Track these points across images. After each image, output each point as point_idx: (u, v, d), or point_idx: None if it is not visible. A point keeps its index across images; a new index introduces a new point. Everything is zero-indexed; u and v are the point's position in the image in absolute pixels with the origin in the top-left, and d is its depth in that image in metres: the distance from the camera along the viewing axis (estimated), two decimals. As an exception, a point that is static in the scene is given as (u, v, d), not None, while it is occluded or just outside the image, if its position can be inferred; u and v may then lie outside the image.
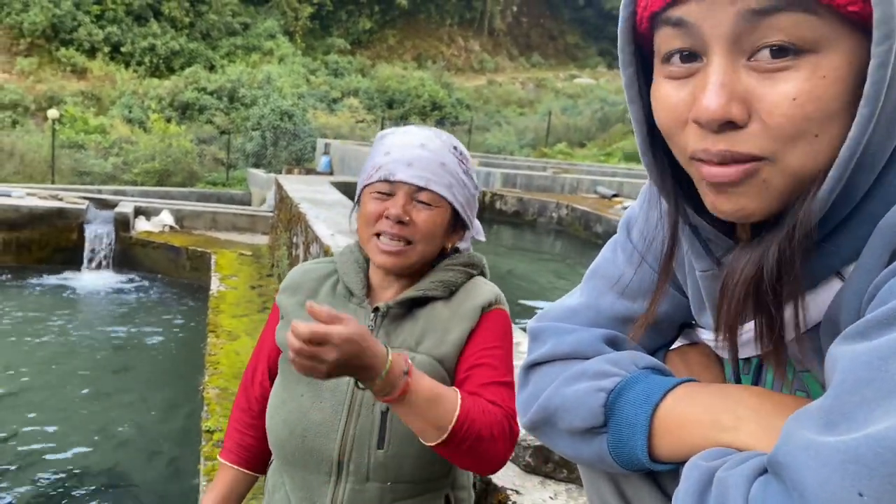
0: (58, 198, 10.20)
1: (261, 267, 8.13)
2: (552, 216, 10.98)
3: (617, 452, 0.74)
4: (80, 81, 26.70)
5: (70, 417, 5.40)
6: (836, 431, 0.52)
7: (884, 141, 0.58)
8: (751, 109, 0.57)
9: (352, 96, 30.10)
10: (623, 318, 0.85)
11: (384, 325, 1.27)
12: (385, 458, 1.21)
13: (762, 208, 0.61)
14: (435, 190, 1.23)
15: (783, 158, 0.58)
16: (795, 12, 0.54)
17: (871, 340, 0.53)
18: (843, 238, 0.63)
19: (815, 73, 0.55)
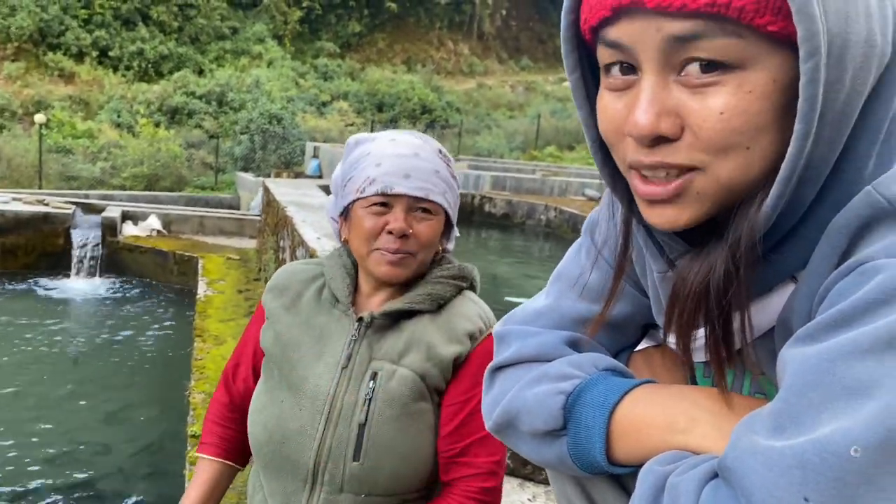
0: (44, 203, 10.15)
1: (248, 271, 8.11)
2: (541, 219, 11.01)
3: (576, 455, 0.74)
4: (67, 86, 26.58)
5: (56, 422, 5.37)
6: (783, 435, 0.52)
7: (826, 154, 0.58)
8: (683, 123, 0.59)
9: (341, 99, 30.10)
10: (585, 319, 0.84)
11: (368, 335, 1.25)
12: (360, 471, 1.20)
13: (694, 218, 0.62)
14: (434, 199, 1.22)
15: (714, 169, 0.59)
16: (717, 37, 0.55)
17: (820, 343, 0.53)
18: (795, 245, 0.63)
19: (742, 88, 0.56)
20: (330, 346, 1.27)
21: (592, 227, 0.89)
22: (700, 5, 0.55)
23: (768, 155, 0.58)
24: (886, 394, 0.48)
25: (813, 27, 0.52)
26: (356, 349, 1.25)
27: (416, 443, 1.22)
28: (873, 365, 0.49)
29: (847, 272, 0.55)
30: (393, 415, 1.21)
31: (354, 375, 1.23)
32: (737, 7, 0.54)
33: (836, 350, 0.51)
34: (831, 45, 0.54)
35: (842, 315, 0.53)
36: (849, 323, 0.52)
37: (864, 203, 0.56)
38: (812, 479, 0.48)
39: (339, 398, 1.22)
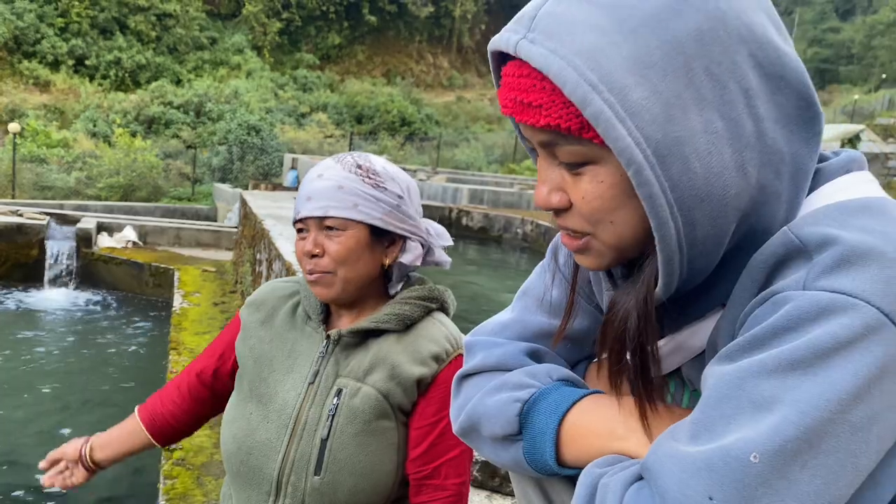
0: (18, 213, 10.05)
1: (224, 283, 8.10)
2: (517, 232, 11.10)
3: (530, 458, 0.81)
4: (42, 94, 26.34)
5: (28, 433, 5.33)
6: (698, 442, 0.59)
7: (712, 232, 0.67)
8: (569, 200, 0.71)
9: (320, 111, 30.13)
10: (547, 332, 0.92)
11: (335, 352, 1.29)
12: (321, 485, 1.23)
13: (604, 265, 0.75)
14: (336, 215, 1.24)
15: (598, 235, 0.71)
16: (567, 144, 0.67)
17: (734, 362, 0.61)
18: (722, 282, 0.72)
19: (596, 178, 0.68)
20: (299, 361, 1.30)
21: (556, 249, 0.96)
22: (543, 125, 0.67)
23: (632, 224, 0.69)
24: (785, 409, 0.56)
25: (621, 144, 0.62)
26: (323, 365, 1.28)
27: (377, 460, 1.25)
28: (776, 384, 0.57)
29: (762, 301, 0.63)
30: (354, 431, 1.24)
31: (320, 391, 1.27)
32: (565, 127, 0.66)
33: (746, 369, 0.59)
34: (657, 147, 0.63)
35: (754, 338, 0.61)
36: (759, 346, 0.60)
37: (780, 242, 0.64)
38: (717, 481, 0.56)
39: (305, 412, 1.26)
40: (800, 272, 0.61)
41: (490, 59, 0.75)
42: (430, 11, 39.06)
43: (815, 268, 0.60)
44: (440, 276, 8.63)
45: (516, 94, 0.69)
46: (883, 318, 0.56)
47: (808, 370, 0.57)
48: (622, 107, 0.62)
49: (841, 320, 0.57)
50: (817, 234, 0.62)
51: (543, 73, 0.65)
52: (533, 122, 0.67)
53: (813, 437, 0.55)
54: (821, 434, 0.56)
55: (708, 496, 0.56)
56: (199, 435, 4.08)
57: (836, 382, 0.56)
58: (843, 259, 0.59)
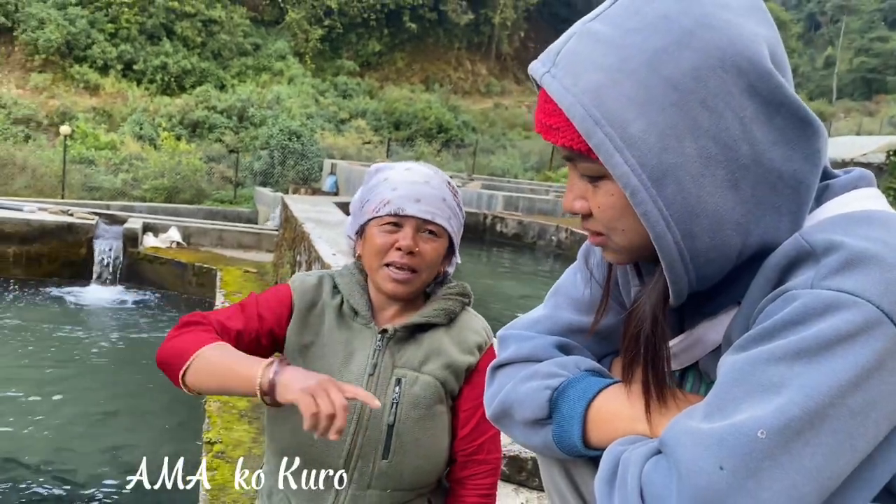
0: (68, 213, 10.40)
1: (265, 284, 8.29)
2: (552, 239, 11.12)
3: (559, 441, 0.90)
4: (92, 98, 27.06)
5: (74, 426, 5.52)
6: (711, 420, 0.68)
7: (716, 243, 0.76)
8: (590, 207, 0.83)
9: (359, 117, 30.41)
10: (576, 328, 1.02)
11: (390, 345, 1.40)
12: (388, 468, 1.35)
13: (623, 261, 0.86)
14: (439, 223, 1.39)
15: (612, 238, 0.82)
16: (582, 161, 0.79)
17: (746, 351, 0.70)
18: (737, 282, 0.81)
19: (607, 192, 0.79)
20: (356, 355, 1.41)
21: (587, 253, 1.06)
22: (562, 144, 0.79)
23: (640, 232, 0.79)
24: (791, 392, 0.64)
25: (620, 170, 0.74)
26: (380, 358, 1.39)
27: (436, 441, 1.39)
28: (784, 370, 0.66)
29: (774, 298, 0.72)
30: (417, 416, 1.37)
31: (380, 382, 1.38)
32: (577, 148, 0.78)
33: (756, 357, 0.68)
34: (652, 172, 0.73)
35: (765, 331, 0.70)
36: (770, 337, 0.69)
37: (792, 246, 0.73)
38: (727, 453, 0.64)
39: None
40: (808, 273, 0.69)
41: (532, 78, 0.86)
42: (470, 19, 39.17)
43: (821, 269, 0.68)
44: (473, 279, 8.66)
45: (542, 117, 0.80)
46: (882, 316, 0.64)
47: (813, 359, 0.64)
48: (621, 139, 0.73)
49: (844, 316, 0.64)
50: (825, 240, 0.70)
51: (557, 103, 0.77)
52: (554, 140, 0.79)
53: (815, 419, 0.63)
54: (822, 416, 0.63)
55: (719, 466, 0.64)
56: (238, 429, 4.23)
57: (837, 371, 0.63)
58: (848, 262, 0.67)
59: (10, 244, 9.46)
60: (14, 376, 6.46)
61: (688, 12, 0.72)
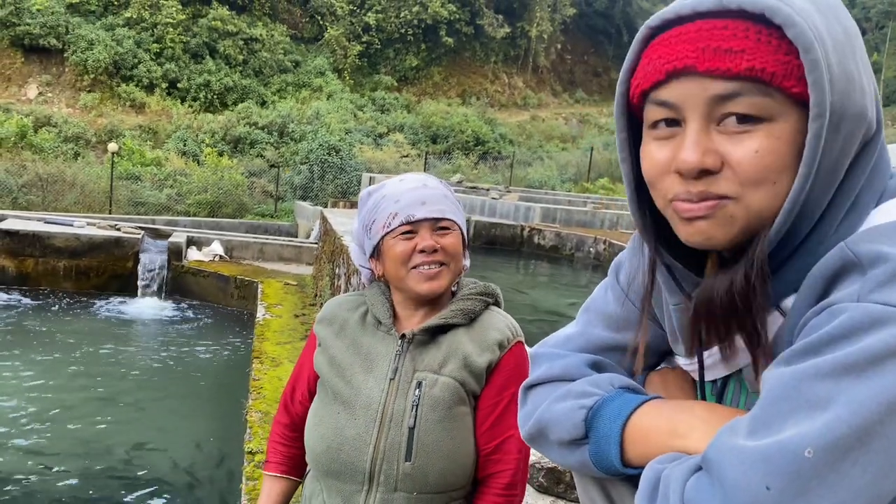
0: (116, 227, 10.68)
1: (304, 296, 8.40)
2: (590, 251, 11.06)
3: (596, 460, 0.88)
4: (138, 116, 27.81)
5: (120, 433, 5.65)
6: (756, 437, 0.66)
7: (820, 197, 0.75)
8: (723, 161, 0.75)
9: (397, 132, 30.67)
10: (608, 346, 1.00)
11: (410, 350, 1.43)
12: (412, 470, 1.37)
13: (726, 237, 0.77)
14: (450, 217, 1.43)
15: (747, 198, 0.74)
16: (753, 95, 0.73)
17: (792, 366, 0.68)
18: (783, 276, 0.79)
19: (772, 134, 0.73)
20: (377, 362, 1.45)
21: (618, 269, 1.06)
22: (741, 69, 0.72)
23: (786, 191, 0.74)
24: (839, 408, 0.63)
25: (822, 96, 0.70)
26: (401, 362, 1.43)
27: (460, 442, 1.39)
28: (831, 385, 0.64)
29: (819, 311, 0.70)
30: (438, 418, 1.38)
31: (401, 385, 1.41)
32: (770, 72, 0.71)
33: (802, 372, 0.66)
34: (833, 113, 0.71)
35: (811, 345, 0.68)
36: (816, 351, 0.67)
37: (838, 256, 0.71)
38: (774, 472, 0.63)
39: (390, 405, 1.39)
40: (854, 285, 0.67)
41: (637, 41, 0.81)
42: (507, 32, 39.28)
43: (868, 282, 0.65)
44: (510, 291, 8.68)
45: (708, 43, 0.73)
46: None
47: (861, 374, 0.62)
48: (827, 66, 0.70)
49: (892, 330, 0.62)
50: (872, 251, 0.67)
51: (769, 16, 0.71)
52: (729, 65, 0.72)
53: (864, 436, 0.60)
54: (871, 433, 0.60)
55: (765, 486, 0.62)
56: (280, 439, 4.30)
57: (886, 386, 0.61)
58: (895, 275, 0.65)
59: (61, 258, 9.76)
60: (63, 384, 6.63)
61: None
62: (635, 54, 0.81)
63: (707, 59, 0.72)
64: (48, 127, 24.46)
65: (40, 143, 22.47)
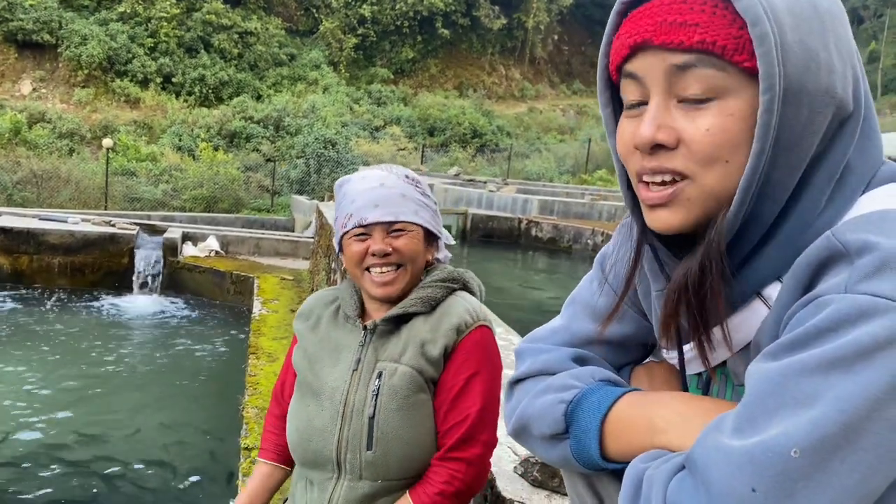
0: (111, 224, 10.63)
1: (301, 291, 8.36)
2: (587, 243, 11.03)
3: (577, 454, 0.86)
4: (133, 111, 27.72)
5: (115, 430, 5.62)
6: (741, 436, 0.64)
7: (784, 178, 0.72)
8: (678, 137, 0.74)
9: (394, 124, 30.60)
10: (594, 339, 0.98)
11: (373, 341, 1.46)
12: (374, 458, 1.39)
13: (685, 222, 0.76)
14: (403, 220, 1.42)
15: (701, 178, 0.73)
16: (706, 67, 0.71)
17: (777, 360, 0.65)
18: (760, 261, 0.76)
19: (724, 111, 0.71)
20: (343, 354, 1.48)
21: (603, 260, 1.03)
22: (693, 42, 0.71)
23: (740, 169, 0.72)
24: (825, 405, 0.60)
25: (770, 70, 0.68)
26: (363, 353, 1.45)
27: (420, 430, 1.41)
28: (818, 381, 0.61)
29: (806, 303, 0.67)
30: (396, 406, 1.39)
31: (363, 376, 1.43)
32: (720, 45, 0.70)
33: (788, 367, 0.63)
34: (789, 86, 0.69)
35: (797, 338, 0.65)
36: (802, 345, 0.64)
37: (824, 246, 0.68)
38: (759, 473, 0.60)
39: (352, 396, 1.42)
40: (841, 276, 0.64)
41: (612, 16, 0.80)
42: (503, 23, 39.17)
43: (855, 272, 0.63)
44: (507, 284, 8.64)
45: (666, 17, 0.73)
46: None
47: (849, 369, 0.59)
48: (780, 40, 0.68)
49: (881, 322, 0.59)
50: (859, 240, 0.65)
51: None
52: (682, 38, 0.71)
53: (852, 434, 0.58)
54: (859, 430, 0.58)
55: (751, 488, 0.60)
56: (276, 436, 4.26)
57: (874, 381, 0.58)
58: (883, 264, 0.62)
59: (56, 255, 9.71)
60: (59, 381, 6.61)
61: None
62: (612, 29, 0.81)
63: (663, 32, 0.72)
64: (42, 123, 24.36)
65: (35, 139, 22.37)
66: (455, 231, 11.99)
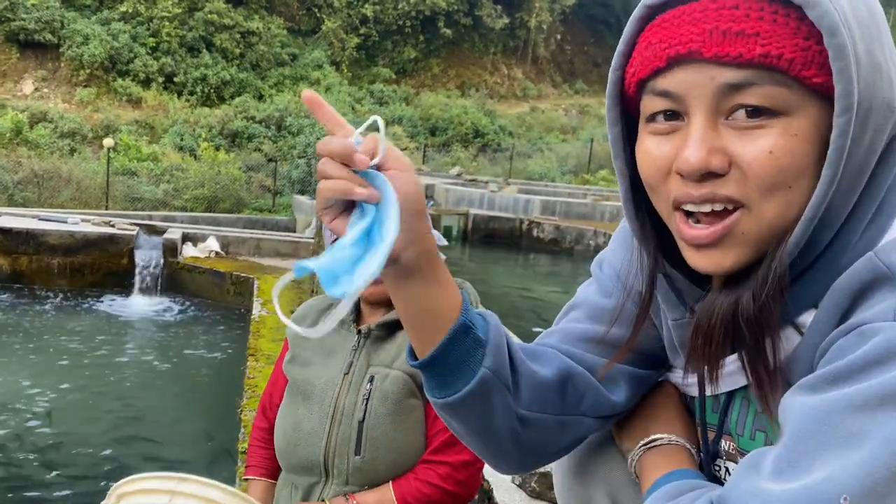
0: (110, 224, 10.60)
1: (301, 292, 8.31)
2: (589, 244, 10.98)
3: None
4: (134, 111, 27.69)
5: (114, 433, 5.59)
6: (781, 478, 0.57)
7: (844, 202, 0.65)
8: (731, 161, 0.64)
9: (396, 124, 30.54)
10: (590, 337, 0.91)
11: (367, 345, 1.44)
12: (362, 464, 1.37)
13: (738, 262, 0.67)
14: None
15: (760, 208, 0.65)
16: (767, 85, 0.62)
17: (819, 395, 0.59)
18: (799, 288, 0.68)
19: (788, 131, 0.62)
20: (335, 357, 1.46)
21: (601, 263, 0.98)
22: (755, 56, 0.61)
23: (804, 197, 0.64)
24: (874, 446, 0.53)
25: (850, 87, 0.60)
26: (356, 357, 1.44)
27: (409, 435, 1.39)
28: (865, 420, 0.54)
29: (848, 331, 0.61)
30: (387, 411, 1.37)
31: (354, 380, 1.41)
32: (787, 59, 0.61)
33: (832, 403, 0.57)
34: (860, 105, 0.61)
35: (840, 371, 0.58)
36: (846, 379, 0.57)
37: (866, 268, 0.61)
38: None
39: (342, 399, 1.41)
40: (887, 301, 0.59)
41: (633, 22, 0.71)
42: (505, 23, 39.09)
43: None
44: (508, 285, 8.60)
45: (716, 25, 0.62)
46: None
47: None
48: (854, 53, 0.60)
49: None
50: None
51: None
52: (741, 50, 0.61)
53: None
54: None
55: None
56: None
57: None
58: None
59: (55, 255, 9.67)
60: (58, 382, 6.57)
61: None
62: (631, 37, 0.71)
63: (715, 43, 0.62)
64: (44, 123, 24.32)
65: (36, 139, 22.34)
66: (456, 231, 11.94)
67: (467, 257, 10.69)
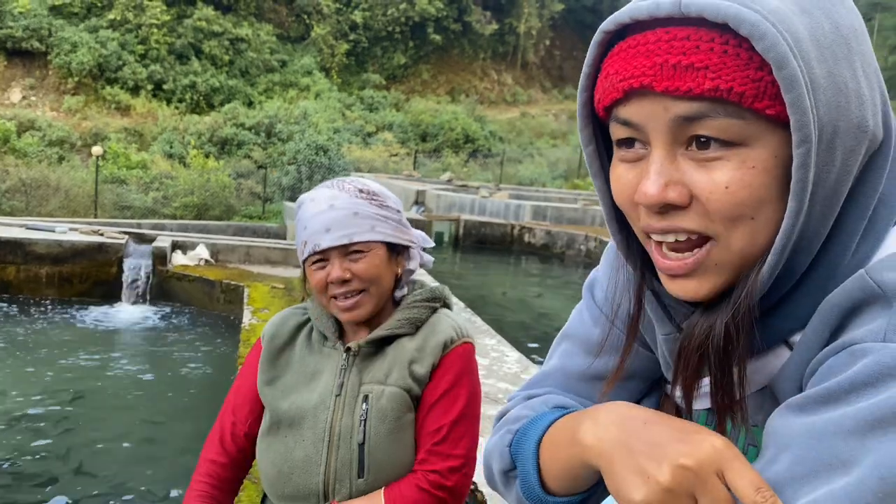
0: (99, 233, 10.52)
1: (292, 300, 8.27)
2: (580, 249, 10.98)
3: (524, 490, 0.77)
4: (123, 118, 27.59)
5: (101, 442, 5.54)
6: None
7: (818, 227, 0.63)
8: (690, 192, 0.63)
9: (386, 130, 30.56)
10: (589, 375, 0.89)
11: (356, 363, 1.38)
12: (366, 486, 1.32)
13: (715, 289, 0.66)
14: (359, 240, 1.33)
15: (727, 238, 0.63)
16: (721, 117, 0.60)
17: (808, 416, 0.57)
18: (788, 310, 0.67)
19: (746, 163, 0.60)
20: (322, 379, 1.39)
21: (592, 287, 0.94)
22: (704, 90, 0.60)
23: (772, 225, 0.62)
24: (864, 473, 0.51)
25: (804, 118, 0.58)
26: (347, 377, 1.37)
27: (410, 451, 1.35)
28: (854, 445, 0.53)
29: (838, 350, 0.59)
30: (387, 430, 1.33)
31: (347, 401, 1.35)
32: (738, 92, 0.59)
33: (821, 427, 0.55)
34: (822, 132, 0.59)
35: (830, 392, 0.56)
36: (836, 401, 0.56)
37: (857, 286, 0.59)
38: None
39: (337, 423, 1.34)
40: (878, 321, 0.57)
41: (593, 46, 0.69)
42: (495, 29, 39.22)
43: (895, 318, 0.56)
44: (499, 290, 8.58)
45: (667, 58, 0.61)
46: None
47: (890, 430, 0.52)
48: (809, 81, 0.58)
49: None
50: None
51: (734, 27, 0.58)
52: (690, 85, 0.60)
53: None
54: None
55: None
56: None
57: None
58: None
59: (43, 265, 9.59)
60: (46, 393, 6.51)
61: None
62: (594, 60, 0.69)
63: (665, 77, 0.61)
64: (32, 131, 24.21)
65: (24, 147, 22.21)
66: (448, 237, 11.92)
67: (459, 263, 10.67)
